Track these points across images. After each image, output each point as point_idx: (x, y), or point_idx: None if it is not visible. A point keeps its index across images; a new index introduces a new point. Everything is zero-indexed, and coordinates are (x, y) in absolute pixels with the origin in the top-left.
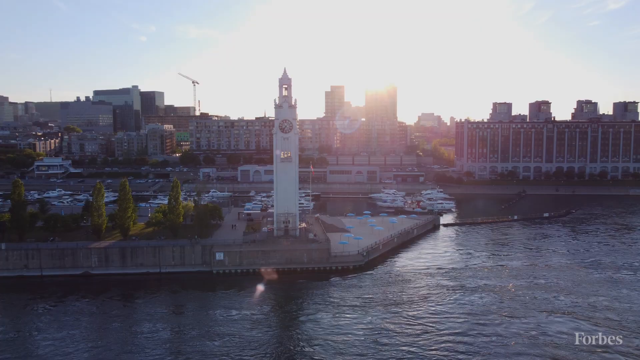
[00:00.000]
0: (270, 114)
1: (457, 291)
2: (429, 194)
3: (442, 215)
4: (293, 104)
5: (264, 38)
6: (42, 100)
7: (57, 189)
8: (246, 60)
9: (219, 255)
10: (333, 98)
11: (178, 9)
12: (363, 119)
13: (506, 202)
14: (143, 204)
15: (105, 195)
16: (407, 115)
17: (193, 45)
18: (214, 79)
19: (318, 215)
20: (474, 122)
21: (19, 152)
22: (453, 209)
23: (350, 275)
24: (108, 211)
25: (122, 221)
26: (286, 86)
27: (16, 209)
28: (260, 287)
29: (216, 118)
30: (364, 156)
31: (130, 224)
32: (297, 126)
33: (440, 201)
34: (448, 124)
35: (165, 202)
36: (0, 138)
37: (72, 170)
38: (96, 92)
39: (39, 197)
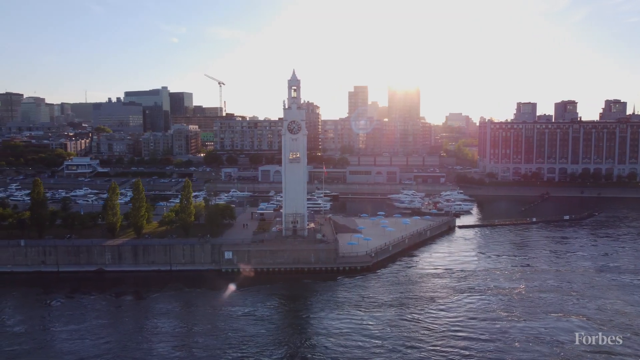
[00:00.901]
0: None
1: (464, 292)
2: (448, 195)
3: (459, 216)
4: (302, 105)
5: (291, 38)
6: (77, 102)
7: (84, 188)
8: (272, 60)
9: (228, 254)
10: (356, 98)
11: (209, 10)
12: (386, 119)
13: (528, 204)
14: (161, 203)
15: (120, 194)
16: (435, 116)
17: (222, 46)
18: (241, 79)
19: (330, 215)
20: (497, 123)
21: (51, 151)
22: (472, 211)
23: (357, 276)
24: (127, 210)
25: (136, 220)
26: (295, 88)
27: (35, 207)
28: (267, 286)
29: (240, 119)
30: (386, 157)
31: (143, 222)
32: (305, 127)
33: (459, 202)
34: (477, 124)
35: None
36: (34, 138)
37: (100, 169)
38: (127, 93)
39: (66, 195)
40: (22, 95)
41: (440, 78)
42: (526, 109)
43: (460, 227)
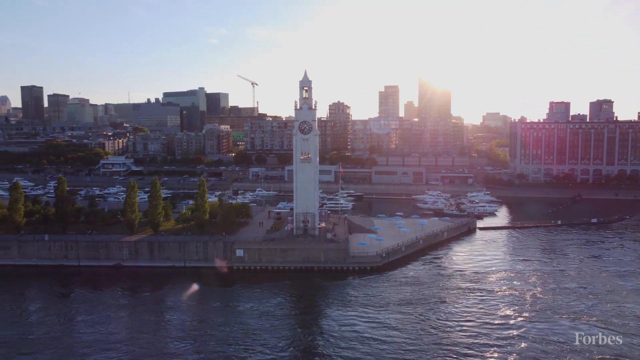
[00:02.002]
0: (322, 114)
1: (474, 293)
2: (474, 196)
3: (482, 218)
4: (313, 106)
5: (327, 38)
6: (120, 102)
7: (117, 186)
8: (308, 59)
9: (239, 252)
10: (387, 98)
11: (248, 10)
12: (416, 119)
13: (557, 207)
14: (188, 201)
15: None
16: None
17: (259, 46)
18: (277, 79)
19: (346, 215)
20: (527, 122)
21: (89, 151)
22: (496, 212)
23: (366, 276)
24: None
25: (153, 217)
26: (306, 88)
27: (59, 203)
28: (276, 284)
29: (270, 119)
30: (415, 157)
31: (160, 219)
32: (317, 127)
33: (483, 204)
34: None
35: (211, 199)
36: (75, 138)
37: (134, 168)
38: (165, 94)
39: (99, 193)
40: (68, 96)
41: (478, 77)
42: (559, 109)
43: (481, 228)
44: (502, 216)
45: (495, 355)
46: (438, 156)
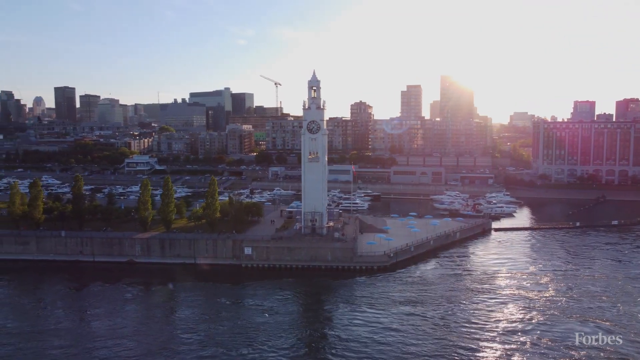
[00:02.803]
0: (345, 113)
1: (481, 294)
2: (493, 196)
3: (499, 219)
4: (321, 105)
5: (353, 37)
6: (150, 102)
7: (139, 184)
8: (334, 59)
9: (247, 250)
10: (409, 98)
11: (276, 11)
12: (438, 119)
13: (579, 208)
14: (202, 201)
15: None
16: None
17: (285, 46)
18: (302, 79)
19: (358, 215)
20: (550, 122)
21: (115, 150)
22: (514, 213)
23: (373, 276)
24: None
25: (165, 215)
26: (314, 88)
27: (76, 200)
28: (283, 282)
29: (291, 118)
30: (436, 157)
31: (172, 217)
32: (325, 127)
33: (501, 204)
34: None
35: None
36: (102, 137)
37: (157, 167)
38: (192, 94)
39: (122, 191)
40: (99, 96)
41: (505, 76)
42: (583, 108)
43: (497, 229)
44: (520, 217)
45: (498, 354)
46: (460, 156)
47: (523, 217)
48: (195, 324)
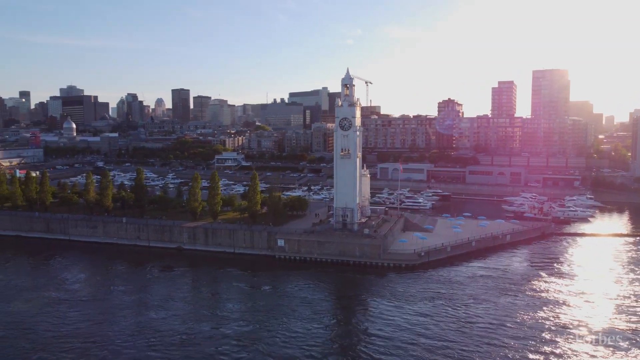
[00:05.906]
0: (432, 112)
1: (508, 296)
2: (573, 200)
3: (570, 223)
4: (354, 103)
5: (462, 37)
6: (259, 102)
7: (222, 179)
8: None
9: (280, 242)
10: (500, 95)
11: (384, 10)
12: (527, 116)
13: None
14: None
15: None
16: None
17: (391, 45)
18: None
19: (403, 213)
20: None
21: (210, 147)
22: (591, 218)
23: (401, 273)
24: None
25: (211, 206)
26: (347, 86)
27: (137, 190)
28: (311, 274)
29: (375, 117)
30: (524, 157)
31: (218, 208)
32: (358, 125)
33: (575, 208)
34: None
35: (297, 193)
36: (202, 135)
37: (244, 163)
38: (291, 94)
39: (205, 185)
40: (210, 97)
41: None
42: None
43: (558, 234)
44: (598, 223)
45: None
46: (551, 157)
47: (600, 223)
48: (235, 303)
